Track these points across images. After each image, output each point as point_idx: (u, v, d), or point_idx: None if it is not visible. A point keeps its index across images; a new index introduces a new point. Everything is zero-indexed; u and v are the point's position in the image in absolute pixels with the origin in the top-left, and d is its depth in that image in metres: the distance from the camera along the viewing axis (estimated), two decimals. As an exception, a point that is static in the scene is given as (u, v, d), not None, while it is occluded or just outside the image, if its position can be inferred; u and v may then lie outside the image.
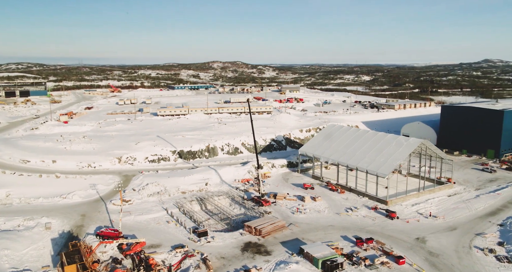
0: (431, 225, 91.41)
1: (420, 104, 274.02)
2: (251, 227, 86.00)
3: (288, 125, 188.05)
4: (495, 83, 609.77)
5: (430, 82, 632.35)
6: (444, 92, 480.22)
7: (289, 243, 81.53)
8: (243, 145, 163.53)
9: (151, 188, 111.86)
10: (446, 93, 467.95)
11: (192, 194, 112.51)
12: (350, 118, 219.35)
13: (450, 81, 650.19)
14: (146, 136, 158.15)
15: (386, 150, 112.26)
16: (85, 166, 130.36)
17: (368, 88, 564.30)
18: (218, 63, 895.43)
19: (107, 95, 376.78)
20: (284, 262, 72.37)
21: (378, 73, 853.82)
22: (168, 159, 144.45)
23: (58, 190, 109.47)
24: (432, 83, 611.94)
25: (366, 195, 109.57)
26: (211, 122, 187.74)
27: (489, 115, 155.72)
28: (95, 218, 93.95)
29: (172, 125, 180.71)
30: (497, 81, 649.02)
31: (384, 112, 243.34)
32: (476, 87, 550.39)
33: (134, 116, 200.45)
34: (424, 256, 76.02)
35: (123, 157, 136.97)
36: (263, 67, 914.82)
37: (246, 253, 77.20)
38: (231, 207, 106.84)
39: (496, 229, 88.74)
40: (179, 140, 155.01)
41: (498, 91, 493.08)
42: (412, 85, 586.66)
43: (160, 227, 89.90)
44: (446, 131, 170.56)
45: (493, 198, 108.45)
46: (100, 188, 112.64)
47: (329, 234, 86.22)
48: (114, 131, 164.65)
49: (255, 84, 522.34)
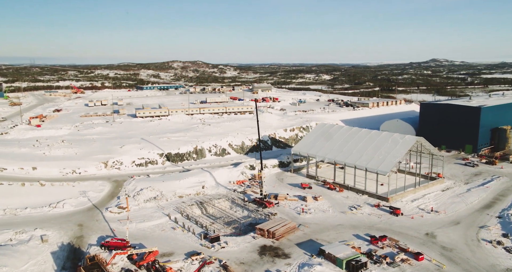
0: (434, 220, 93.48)
1: (392, 102, 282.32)
2: (264, 230, 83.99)
3: (272, 125, 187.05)
4: (446, 82, 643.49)
5: (388, 81, 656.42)
6: (403, 90, 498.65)
7: (305, 245, 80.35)
8: (230, 146, 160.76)
9: (146, 193, 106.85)
10: (404, 91, 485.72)
11: (190, 198, 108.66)
12: (329, 117, 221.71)
13: (405, 80, 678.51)
14: (129, 138, 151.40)
15: (383, 147, 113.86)
16: (69, 172, 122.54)
17: (331, 87, 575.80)
18: (178, 62, 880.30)
19: (70, 96, 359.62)
20: (306, 264, 71.05)
21: (336, 73, 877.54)
22: (155, 162, 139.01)
23: (46, 199, 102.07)
24: (390, 82, 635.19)
25: (365, 193, 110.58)
26: (194, 123, 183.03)
27: (467, 112, 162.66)
28: (94, 227, 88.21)
29: (155, 127, 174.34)
30: (448, 80, 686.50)
31: (360, 111, 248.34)
32: (430, 85, 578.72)
33: (112, 119, 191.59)
34: (438, 251, 77.38)
35: (109, 161, 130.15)
36: (224, 66, 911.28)
37: (264, 257, 75.16)
38: (233, 210, 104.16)
39: (496, 221, 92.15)
40: (165, 142, 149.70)
41: (451, 89, 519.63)
42: (372, 84, 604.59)
43: (167, 234, 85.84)
44: (425, 128, 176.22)
45: (484, 191, 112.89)
46: (91, 195, 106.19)
47: (341, 234, 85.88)
48: (94, 135, 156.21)
49: (224, 84, 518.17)
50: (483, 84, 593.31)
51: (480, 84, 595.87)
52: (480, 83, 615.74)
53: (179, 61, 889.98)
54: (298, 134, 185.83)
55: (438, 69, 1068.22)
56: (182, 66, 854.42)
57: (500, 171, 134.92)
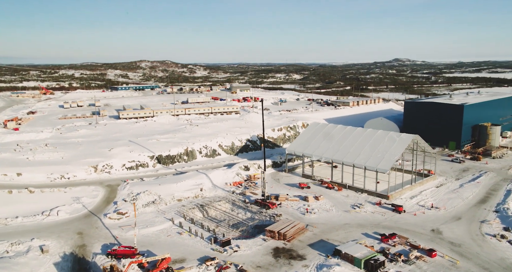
0: (436, 216, 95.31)
1: (371, 101, 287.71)
2: (274, 232, 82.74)
3: (259, 125, 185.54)
4: (412, 81, 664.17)
5: (357, 80, 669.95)
6: (373, 89, 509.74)
7: (317, 245, 79.77)
8: (220, 147, 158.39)
9: (144, 198, 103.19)
10: (375, 90, 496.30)
11: (189, 201, 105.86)
12: (313, 116, 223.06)
13: (373, 79, 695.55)
14: (117, 141, 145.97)
15: (380, 146, 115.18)
16: (57, 178, 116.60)
17: (303, 87, 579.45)
18: (146, 62, 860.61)
19: (40, 98, 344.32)
20: (324, 265, 70.42)
21: (305, 72, 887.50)
22: (146, 164, 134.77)
23: (37, 207, 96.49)
24: (359, 81, 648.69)
25: (365, 191, 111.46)
26: (182, 124, 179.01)
27: (450, 109, 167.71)
28: (95, 235, 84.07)
29: (141, 129, 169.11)
30: (413, 79, 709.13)
31: (342, 109, 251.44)
32: (398, 84, 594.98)
33: (95, 120, 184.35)
34: (448, 247, 78.76)
35: (99, 165, 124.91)
36: (193, 66, 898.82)
37: (280, 260, 73.96)
38: (234, 212, 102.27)
39: (495, 216, 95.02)
40: (154, 144, 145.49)
41: (418, 88, 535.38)
42: (342, 83, 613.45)
43: (173, 239, 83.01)
44: (409, 126, 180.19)
45: (476, 187, 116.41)
46: (85, 201, 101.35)
47: (350, 233, 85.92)
48: (79, 138, 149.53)
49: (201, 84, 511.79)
50: (447, 83, 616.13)
51: (444, 83, 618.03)
52: (443, 82, 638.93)
53: (147, 61, 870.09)
54: (285, 134, 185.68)
55: (402, 68, 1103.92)
56: (151, 66, 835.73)
57: (486, 166, 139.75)
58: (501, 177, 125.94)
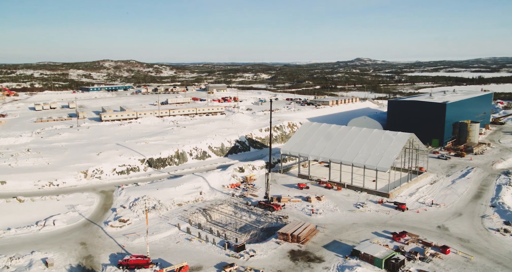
0: (438, 213, 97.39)
1: (349, 100, 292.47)
2: (287, 234, 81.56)
3: (247, 126, 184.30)
4: (377, 80, 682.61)
5: (324, 79, 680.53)
6: (342, 88, 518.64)
7: (332, 246, 79.32)
8: (210, 148, 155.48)
9: (143, 203, 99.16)
10: (343, 89, 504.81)
11: (190, 206, 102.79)
12: (296, 116, 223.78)
13: (340, 78, 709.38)
14: (104, 144, 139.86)
15: (377, 145, 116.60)
16: (45, 185, 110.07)
17: (273, 86, 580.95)
18: (109, 62, 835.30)
19: (4, 99, 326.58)
20: (345, 266, 70.01)
21: (272, 71, 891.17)
22: (137, 168, 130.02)
23: (30, 217, 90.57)
24: (327, 80, 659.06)
25: (364, 190, 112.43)
26: (168, 126, 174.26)
27: (433, 108, 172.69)
28: (99, 245, 79.74)
29: (126, 131, 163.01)
30: (378, 78, 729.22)
31: (322, 109, 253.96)
32: (364, 83, 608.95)
33: (76, 123, 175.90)
34: (458, 243, 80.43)
35: (89, 170, 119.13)
36: (159, 66, 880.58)
37: (299, 262, 72.89)
38: (238, 215, 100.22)
39: (493, 210, 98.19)
40: (143, 147, 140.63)
41: (384, 87, 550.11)
42: (311, 82, 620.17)
43: (184, 246, 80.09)
44: (392, 124, 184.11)
45: (467, 182, 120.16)
46: (81, 209, 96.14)
47: (361, 232, 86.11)
48: (62, 142, 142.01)
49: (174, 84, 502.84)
50: (410, 82, 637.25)
51: (407, 82, 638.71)
52: (406, 81, 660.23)
53: (110, 61, 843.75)
54: (273, 134, 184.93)
55: (365, 68, 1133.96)
56: (115, 66, 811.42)
57: (471, 162, 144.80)
58: (488, 172, 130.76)
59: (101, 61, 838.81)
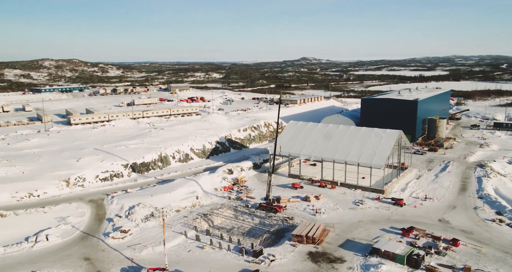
0: (434, 206, 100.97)
1: (315, 99, 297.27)
2: (302, 236, 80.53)
3: (225, 126, 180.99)
4: (327, 78, 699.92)
5: (276, 78, 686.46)
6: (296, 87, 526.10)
7: (347, 245, 79.40)
8: (192, 150, 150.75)
9: (140, 212, 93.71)
10: (297, 88, 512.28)
11: (188, 211, 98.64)
12: (269, 115, 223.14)
13: (292, 77, 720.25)
14: (81, 150, 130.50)
15: (368, 142, 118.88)
16: (25, 196, 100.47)
17: (227, 85, 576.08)
18: (50, 61, 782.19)
19: None
20: (369, 265, 70.26)
21: (222, 71, 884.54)
22: (121, 174, 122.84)
23: (17, 233, 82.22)
24: (279, 79, 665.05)
25: (358, 187, 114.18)
26: (145, 128, 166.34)
27: (405, 105, 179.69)
28: (106, 259, 73.95)
29: (101, 135, 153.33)
30: (327, 77, 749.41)
31: (292, 107, 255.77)
32: (316, 81, 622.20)
33: (44, 128, 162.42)
34: (463, 235, 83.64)
35: (71, 178, 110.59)
36: (105, 65, 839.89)
37: (321, 264, 72.10)
38: (240, 219, 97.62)
39: (482, 202, 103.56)
40: (124, 151, 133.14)
41: (335, 85, 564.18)
42: (265, 82, 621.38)
43: (197, 254, 76.44)
44: (366, 121, 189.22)
45: (450, 176, 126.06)
46: (73, 221, 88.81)
47: (369, 230, 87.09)
48: (34, 148, 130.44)
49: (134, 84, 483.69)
50: (358, 80, 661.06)
51: (356, 80, 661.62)
52: (355, 79, 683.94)
53: (51, 60, 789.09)
54: (251, 134, 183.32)
55: (312, 67, 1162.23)
56: (56, 65, 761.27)
57: (445, 156, 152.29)
58: (464, 166, 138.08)
59: (40, 60, 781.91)
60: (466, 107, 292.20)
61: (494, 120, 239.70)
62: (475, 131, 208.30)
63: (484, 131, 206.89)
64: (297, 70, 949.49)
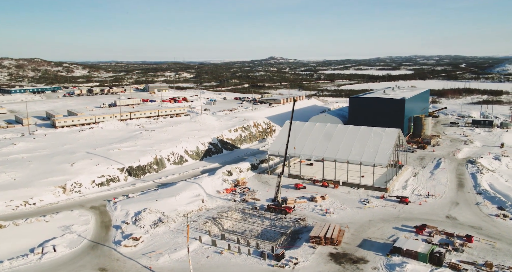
0: (438, 203, 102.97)
1: (297, 98, 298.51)
2: (320, 237, 79.95)
3: (215, 127, 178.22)
4: (298, 78, 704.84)
5: (248, 78, 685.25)
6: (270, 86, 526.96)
7: (366, 245, 79.46)
8: (186, 152, 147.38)
9: (147, 217, 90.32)
10: (271, 87, 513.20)
11: (196, 215, 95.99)
12: (255, 115, 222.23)
13: (263, 77, 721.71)
14: (73, 154, 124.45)
15: (369, 141, 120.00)
16: (20, 204, 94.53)
17: (200, 85, 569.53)
18: (9, 60, 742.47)
19: None
20: (394, 265, 70.54)
21: (191, 70, 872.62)
22: (117, 179, 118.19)
23: (20, 244, 77.16)
24: (251, 79, 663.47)
25: (361, 186, 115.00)
26: (135, 130, 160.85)
27: (393, 103, 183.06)
28: (123, 269, 70.53)
29: (91, 138, 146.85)
30: (298, 76, 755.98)
31: (277, 107, 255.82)
32: (287, 81, 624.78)
33: (28, 131, 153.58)
34: (474, 231, 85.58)
35: (67, 184, 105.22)
36: (69, 65, 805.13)
37: (346, 265, 71.74)
38: (249, 221, 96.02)
39: (482, 197, 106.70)
40: (118, 155, 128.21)
41: (307, 84, 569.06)
42: (238, 81, 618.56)
43: (216, 260, 74.30)
44: (354, 120, 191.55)
45: (444, 173, 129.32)
46: (78, 230, 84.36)
47: (382, 228, 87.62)
48: (21, 153, 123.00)
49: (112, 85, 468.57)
50: (329, 79, 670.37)
51: (327, 79, 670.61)
52: (326, 78, 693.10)
53: (10, 59, 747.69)
54: (241, 134, 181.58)
55: (280, 66, 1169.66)
56: (17, 64, 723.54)
57: (435, 153, 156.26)
58: (455, 162, 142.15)
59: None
60: (442, 106, 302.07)
61: (469, 118, 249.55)
62: (456, 128, 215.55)
63: (464, 128, 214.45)
64: (267, 69, 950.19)
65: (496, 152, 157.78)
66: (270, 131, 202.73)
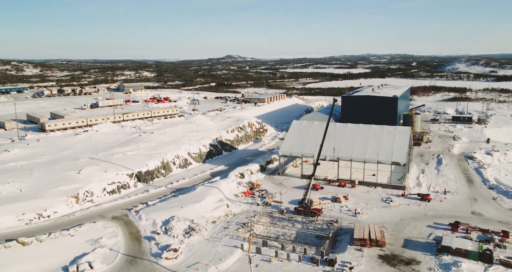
0: (457, 199, 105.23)
1: (279, 97, 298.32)
2: (365, 240, 79.05)
3: (212, 128, 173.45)
4: (262, 76, 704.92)
5: (212, 77, 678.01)
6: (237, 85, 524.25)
7: (409, 245, 79.38)
8: (189, 155, 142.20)
9: (178, 226, 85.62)
10: (238, 86, 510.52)
11: (224, 221, 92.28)
12: (244, 114, 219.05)
13: (227, 75, 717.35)
14: (76, 160, 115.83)
15: (383, 140, 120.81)
16: (34, 218, 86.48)
17: (164, 84, 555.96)
18: None
19: None
20: (448, 264, 70.85)
21: (149, 69, 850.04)
22: (127, 185, 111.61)
23: (50, 262, 70.39)
24: (215, 77, 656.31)
25: (378, 185, 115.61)
26: (133, 133, 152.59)
27: (386, 101, 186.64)
28: (173, 284, 66.01)
29: (88, 142, 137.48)
30: (262, 74, 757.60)
31: (263, 106, 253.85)
32: (252, 79, 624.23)
33: (17, 135, 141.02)
34: (503, 226, 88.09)
35: (80, 193, 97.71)
36: (19, 63, 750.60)
37: (400, 267, 71.18)
38: (280, 225, 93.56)
39: (496, 192, 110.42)
40: (124, 159, 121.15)
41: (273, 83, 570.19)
42: (203, 80, 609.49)
43: (267, 268, 71.52)
44: (347, 118, 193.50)
45: (450, 169, 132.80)
46: (108, 243, 78.31)
47: (417, 227, 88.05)
48: (19, 161, 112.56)
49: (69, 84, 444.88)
50: (293, 78, 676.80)
51: (291, 78, 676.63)
52: (290, 77, 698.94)
53: None
54: (238, 135, 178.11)
55: (239, 64, 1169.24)
56: None
57: (431, 150, 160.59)
58: (455, 158, 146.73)
59: None
60: (417, 103, 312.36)
61: (446, 114, 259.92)
62: (438, 125, 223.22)
63: (446, 124, 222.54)
64: (227, 68, 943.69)
65: (485, 147, 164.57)
66: (262, 131, 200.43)
